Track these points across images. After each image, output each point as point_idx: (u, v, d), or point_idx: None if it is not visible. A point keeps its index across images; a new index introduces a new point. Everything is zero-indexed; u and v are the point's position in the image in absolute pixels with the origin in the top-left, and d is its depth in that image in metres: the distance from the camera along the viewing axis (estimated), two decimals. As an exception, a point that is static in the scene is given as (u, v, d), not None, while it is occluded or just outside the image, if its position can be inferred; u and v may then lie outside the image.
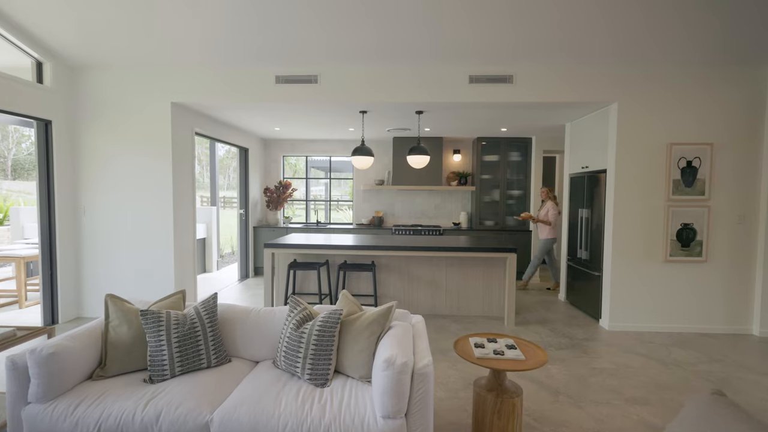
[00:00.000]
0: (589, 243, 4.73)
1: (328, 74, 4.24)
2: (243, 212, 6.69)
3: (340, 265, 4.41)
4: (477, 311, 4.70)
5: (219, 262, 7.97)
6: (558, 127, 5.63)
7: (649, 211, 4.16)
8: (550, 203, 5.65)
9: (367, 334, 2.14)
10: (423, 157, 4.81)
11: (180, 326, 2.17)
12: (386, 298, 4.75)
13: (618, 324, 4.23)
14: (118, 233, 4.43)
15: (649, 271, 4.19)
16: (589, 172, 4.78)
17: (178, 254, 4.52)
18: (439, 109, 4.62)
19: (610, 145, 4.26)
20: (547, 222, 5.59)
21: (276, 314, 2.45)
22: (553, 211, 5.61)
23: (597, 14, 3.26)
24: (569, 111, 4.65)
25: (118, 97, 4.34)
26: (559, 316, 4.68)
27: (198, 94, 4.32)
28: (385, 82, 4.23)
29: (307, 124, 5.77)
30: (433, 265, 4.70)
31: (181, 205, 4.59)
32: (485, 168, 6.78)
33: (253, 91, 4.30)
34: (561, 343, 3.81)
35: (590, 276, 4.65)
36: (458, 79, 4.18)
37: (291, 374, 2.17)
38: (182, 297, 2.50)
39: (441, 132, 6.36)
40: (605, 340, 3.92)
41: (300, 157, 7.76)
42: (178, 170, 4.49)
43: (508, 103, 4.27)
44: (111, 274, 4.46)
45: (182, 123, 4.59)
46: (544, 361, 2.14)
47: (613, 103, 4.18)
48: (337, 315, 2.16)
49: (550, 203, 5.66)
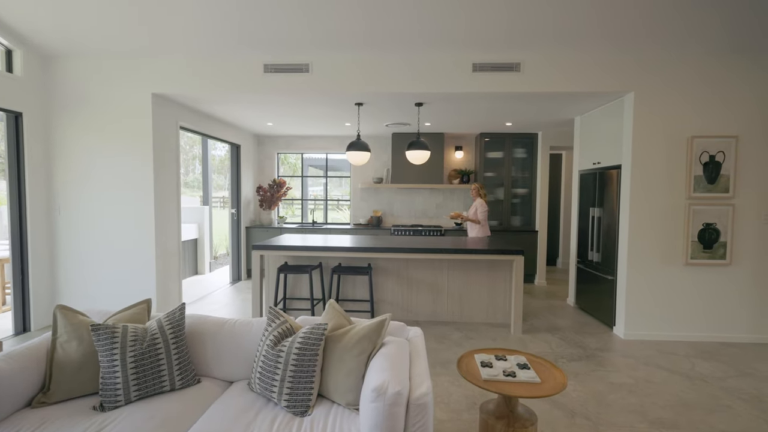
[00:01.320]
0: (601, 244, 4.41)
1: (321, 62, 3.93)
2: (234, 212, 6.39)
3: (333, 269, 4.11)
4: (480, 318, 4.38)
5: (212, 264, 7.68)
6: (566, 121, 5.32)
7: (668, 210, 3.84)
8: (480, 201, 5.21)
9: (356, 352, 1.83)
10: (423, 152, 4.49)
11: (138, 343, 1.86)
12: (384, 304, 4.44)
13: (634, 332, 3.90)
14: (96, 234, 4.13)
15: (668, 274, 3.86)
16: (601, 168, 4.46)
17: (161, 256, 4.22)
18: (440, 100, 4.30)
19: (626, 138, 3.94)
20: (476, 221, 5.16)
21: (253, 327, 2.15)
22: (482, 209, 5.17)
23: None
24: (580, 103, 4.34)
25: (94, 88, 4.04)
26: (569, 323, 4.36)
27: (181, 84, 4.02)
28: (382, 71, 3.92)
29: (300, 119, 5.46)
30: (434, 268, 4.39)
31: (164, 204, 4.29)
32: (489, 165, 6.46)
33: (240, 81, 4.00)
34: (573, 354, 3.50)
35: (602, 280, 4.33)
36: (461, 67, 3.87)
37: (267, 399, 1.86)
38: (147, 307, 2.19)
39: (442, 127, 6.05)
40: (621, 351, 3.60)
41: (295, 154, 7.45)
42: (160, 166, 4.19)
43: (515, 94, 3.96)
44: (89, 277, 4.16)
45: (165, 116, 4.29)
46: (562, 384, 1.83)
47: (629, 93, 3.86)
48: (321, 330, 1.85)
49: (479, 201, 5.21)
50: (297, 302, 4.53)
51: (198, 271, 7.32)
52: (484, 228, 5.21)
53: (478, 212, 5.16)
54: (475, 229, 5.21)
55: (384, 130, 6.19)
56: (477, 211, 5.17)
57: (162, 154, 4.23)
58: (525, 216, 6.50)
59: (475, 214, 5.18)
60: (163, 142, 4.25)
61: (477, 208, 5.19)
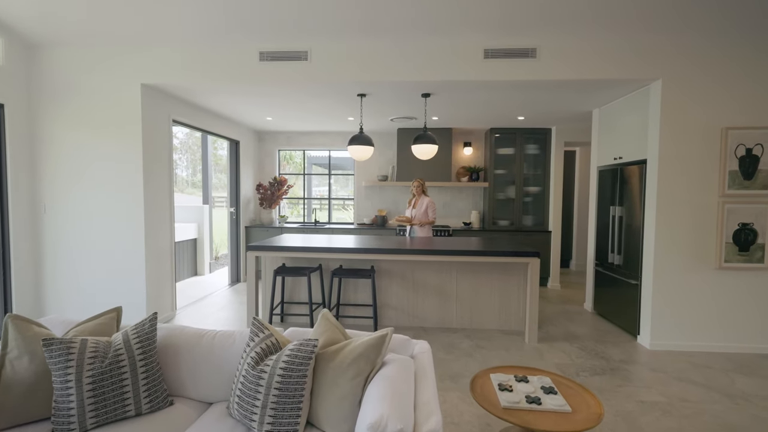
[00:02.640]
0: (623, 246, 4.07)
1: (321, 50, 3.66)
2: (233, 211, 6.14)
3: (333, 271, 3.83)
4: (492, 324, 4.07)
5: (212, 265, 7.45)
6: (582, 115, 4.98)
7: (700, 209, 3.50)
8: (428, 199, 4.72)
9: (352, 374, 1.55)
10: (430, 146, 4.19)
11: (98, 360, 1.60)
12: (388, 309, 4.15)
13: (661, 342, 3.57)
14: (83, 233, 3.89)
15: (699, 279, 3.53)
16: (623, 163, 4.13)
17: (152, 257, 3.98)
18: (448, 90, 4.00)
19: (651, 130, 3.61)
20: (431, 222, 4.69)
21: (236, 340, 1.87)
22: (432, 207, 4.69)
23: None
24: (599, 93, 4.01)
25: (81, 79, 3.81)
26: (588, 331, 4.04)
27: (171, 74, 3.77)
28: (386, 58, 3.63)
29: (300, 113, 5.20)
30: (442, 271, 4.09)
31: (156, 202, 4.04)
32: (499, 162, 6.14)
33: (234, 70, 3.74)
34: (596, 367, 3.18)
35: (624, 284, 4.00)
36: (471, 53, 3.57)
37: (247, 428, 1.58)
38: (116, 317, 1.93)
39: (450, 122, 5.74)
40: (649, 363, 3.27)
41: (297, 151, 7.19)
42: (151, 162, 3.94)
43: (530, 83, 3.65)
44: (76, 279, 3.92)
45: (156, 109, 4.04)
46: (598, 415, 1.53)
47: (656, 81, 3.54)
48: (310, 347, 1.57)
49: (427, 198, 4.72)
50: (296, 307, 4.26)
51: (197, 272, 7.09)
52: (428, 228, 4.76)
53: (429, 211, 4.68)
54: (425, 230, 4.76)
55: (389, 125, 5.91)
56: (428, 210, 4.68)
57: (153, 149, 3.98)
58: (537, 216, 6.17)
59: (426, 215, 4.68)
60: (154, 137, 4.00)
61: (427, 206, 4.68)
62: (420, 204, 4.72)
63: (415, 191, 4.76)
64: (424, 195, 4.75)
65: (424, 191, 4.76)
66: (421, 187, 4.74)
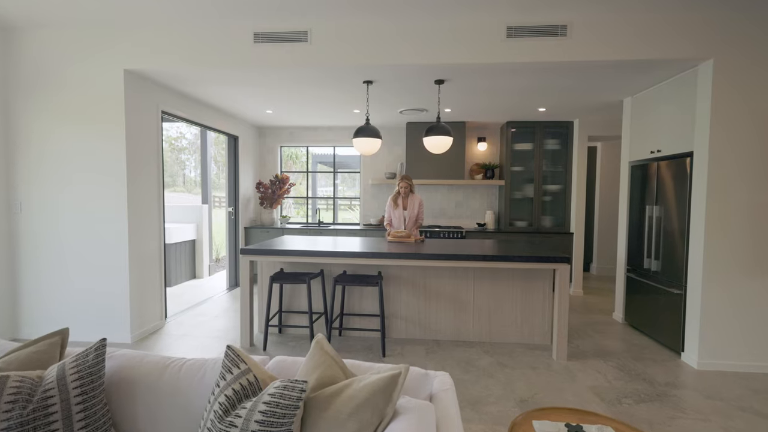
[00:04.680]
0: (662, 250, 3.62)
1: (322, 29, 3.27)
2: (232, 210, 5.78)
3: (336, 278, 3.42)
4: (514, 337, 3.64)
5: (212, 267, 7.10)
6: (610, 106, 4.53)
7: (759, 208, 3.04)
8: (419, 197, 4.27)
9: (353, 429, 1.14)
10: (443, 139, 3.77)
11: (18, 405, 1.21)
12: (396, 319, 3.74)
13: (711, 361, 3.11)
14: (62, 234, 3.54)
15: (758, 289, 3.07)
16: (663, 157, 3.68)
17: (137, 261, 3.61)
18: (465, 76, 3.59)
19: (700, 119, 3.16)
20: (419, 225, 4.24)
21: (206, 373, 1.47)
22: (421, 209, 4.26)
23: None
24: (636, 78, 3.56)
25: (58, 65, 3.46)
26: (623, 346, 3.59)
27: (157, 58, 3.40)
28: (396, 39, 3.23)
29: (302, 105, 4.81)
30: (457, 277, 3.67)
31: (143, 201, 3.68)
32: (516, 158, 5.70)
33: (226, 54, 3.36)
34: (639, 392, 2.73)
35: (664, 293, 3.55)
36: (492, 32, 3.15)
37: (212, 499, 1.18)
38: (60, 342, 1.54)
39: (464, 115, 5.32)
40: (701, 387, 2.82)
41: (300, 147, 6.82)
42: (137, 157, 3.58)
43: (559, 65, 3.21)
44: (54, 285, 3.57)
45: (143, 99, 3.68)
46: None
47: (706, 61, 3.08)
48: (297, 392, 1.17)
49: (418, 198, 4.26)
50: (295, 317, 3.87)
51: (196, 275, 6.75)
52: (414, 231, 4.31)
53: (419, 213, 4.25)
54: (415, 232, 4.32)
55: (398, 119, 5.50)
56: (418, 212, 4.24)
57: (140, 142, 3.62)
58: (557, 216, 5.72)
59: (419, 217, 4.24)
60: (141, 129, 3.64)
61: (417, 207, 4.24)
62: (412, 205, 4.25)
63: (403, 191, 4.24)
64: (412, 194, 4.30)
65: (412, 189, 4.30)
66: (410, 184, 4.25)
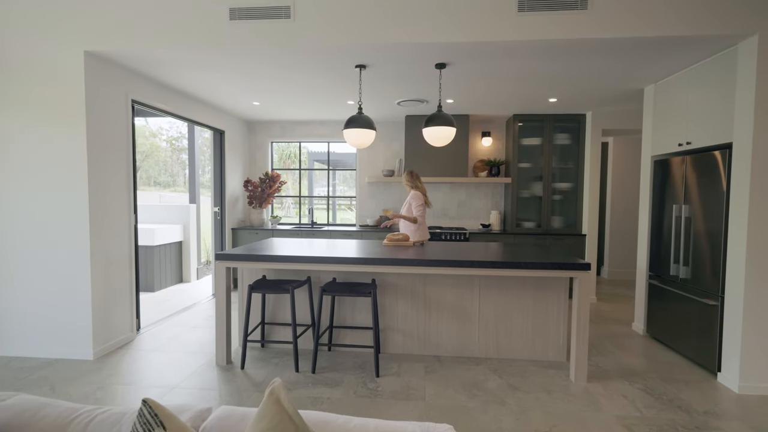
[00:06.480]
0: (692, 255, 3.21)
1: (308, 3, 2.87)
2: (218, 210, 5.39)
3: (324, 287, 3.02)
4: (524, 353, 3.24)
5: (200, 270, 6.71)
6: (628, 95, 4.12)
7: (810, 207, 2.63)
8: (415, 193, 3.94)
9: None
10: (446, 129, 3.36)
11: None
12: (393, 333, 3.33)
13: (755, 384, 2.70)
14: (15, 239, 3.15)
15: (808, 301, 2.66)
16: (693, 150, 3.27)
17: (101, 267, 3.22)
18: (469, 58, 3.18)
19: (741, 105, 2.75)
20: (411, 219, 3.86)
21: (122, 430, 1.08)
22: (416, 203, 3.87)
23: None
24: (664, 60, 3.15)
25: (11, 45, 3.07)
26: (648, 363, 3.18)
27: (121, 38, 3.00)
28: (391, 13, 2.83)
29: (291, 95, 4.41)
30: (461, 285, 3.27)
31: (109, 200, 3.29)
32: (524, 154, 5.29)
33: (199, 33, 2.96)
34: (676, 424, 2.32)
35: (696, 304, 3.14)
36: (501, 5, 2.75)
37: None
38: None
39: (467, 107, 4.91)
40: (747, 417, 2.41)
41: (292, 143, 6.42)
42: (100, 152, 3.19)
43: (577, 43, 2.81)
44: (4, 293, 3.18)
45: (109, 86, 3.29)
46: None
47: (748, 39, 2.67)
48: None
49: (414, 193, 3.94)
50: (279, 330, 3.47)
51: (183, 278, 6.37)
52: (421, 229, 3.93)
53: (412, 208, 3.91)
54: (411, 230, 3.94)
55: (395, 111, 5.10)
56: (411, 207, 3.92)
57: (105, 135, 3.23)
58: (568, 216, 5.32)
59: (410, 211, 3.93)
60: (106, 120, 3.25)
61: (411, 203, 3.93)
62: (407, 200, 4.00)
63: (406, 185, 4.03)
64: (413, 189, 4.00)
65: (414, 185, 4.00)
66: (411, 179, 4.00)
